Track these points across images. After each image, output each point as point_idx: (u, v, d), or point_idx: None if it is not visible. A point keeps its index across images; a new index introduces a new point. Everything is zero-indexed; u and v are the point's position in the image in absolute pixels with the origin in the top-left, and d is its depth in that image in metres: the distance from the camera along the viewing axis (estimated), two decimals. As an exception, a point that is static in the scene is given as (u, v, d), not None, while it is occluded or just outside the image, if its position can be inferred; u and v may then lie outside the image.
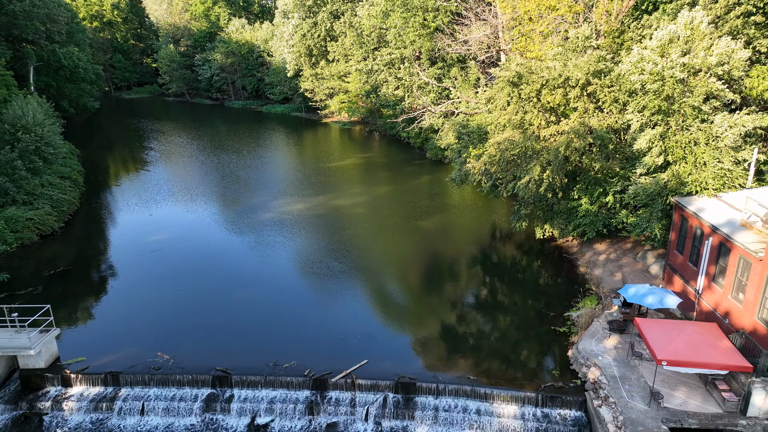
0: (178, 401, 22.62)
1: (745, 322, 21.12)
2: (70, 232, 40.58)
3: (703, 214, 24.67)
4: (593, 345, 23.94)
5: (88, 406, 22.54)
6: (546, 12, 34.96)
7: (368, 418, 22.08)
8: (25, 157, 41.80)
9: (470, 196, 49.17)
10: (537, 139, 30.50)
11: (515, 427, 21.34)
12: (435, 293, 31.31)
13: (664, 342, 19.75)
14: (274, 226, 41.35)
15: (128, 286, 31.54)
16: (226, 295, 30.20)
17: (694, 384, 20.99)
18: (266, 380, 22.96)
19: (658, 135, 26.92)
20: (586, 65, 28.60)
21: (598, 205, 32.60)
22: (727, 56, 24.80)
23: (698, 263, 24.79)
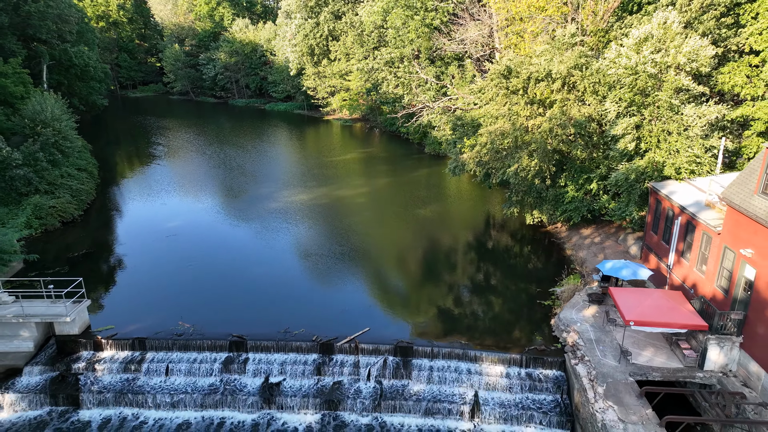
0: (198, 363, 25.15)
1: (706, 290, 23.61)
2: (89, 219, 43.16)
3: (674, 196, 27.15)
4: (573, 314, 26.45)
5: (118, 368, 25.07)
6: (536, 12, 37.51)
7: (370, 378, 24.60)
8: (45, 150, 44.25)
9: (466, 187, 51.69)
10: (525, 130, 33.03)
11: (502, 384, 23.85)
12: (431, 272, 33.85)
13: (632, 306, 22.27)
14: (280, 214, 43.90)
15: (148, 265, 34.10)
16: (239, 273, 32.82)
17: (660, 345, 23.51)
18: (278, 345, 25.47)
19: (633, 124, 29.44)
20: (569, 60, 31.16)
21: (583, 192, 35.12)
22: (695, 54, 27.28)
23: (670, 241, 27.28)
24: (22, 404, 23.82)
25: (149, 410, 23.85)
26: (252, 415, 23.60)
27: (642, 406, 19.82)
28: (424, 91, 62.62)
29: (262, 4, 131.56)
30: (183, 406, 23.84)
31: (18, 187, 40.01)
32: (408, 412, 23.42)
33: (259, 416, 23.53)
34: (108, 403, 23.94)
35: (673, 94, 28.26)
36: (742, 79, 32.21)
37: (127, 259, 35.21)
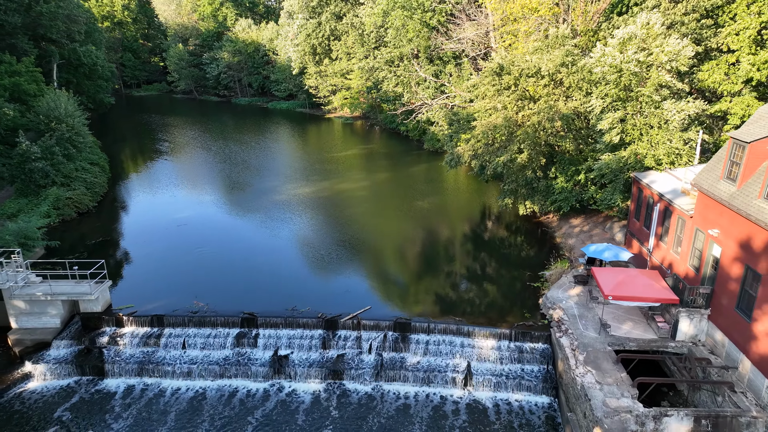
0: (213, 338, 27.22)
1: (681, 270, 25.67)
2: (102, 210, 45.25)
3: (654, 185, 29.21)
4: (560, 293, 28.52)
5: (138, 342, 27.15)
6: (528, 13, 39.58)
7: (371, 351, 26.66)
8: (60, 145, 46.32)
9: (463, 181, 53.77)
10: (516, 124, 35.09)
11: (492, 356, 25.92)
12: (428, 258, 35.93)
13: (612, 282, 24.32)
14: (285, 205, 45.99)
15: (162, 251, 36.19)
16: (248, 258, 34.94)
17: (638, 319, 25.58)
18: (286, 321, 27.53)
19: (618, 118, 31.52)
20: (556, 58, 33.23)
21: (572, 183, 37.20)
22: (675, 54, 29.34)
23: (650, 226, 29.34)
24: (52, 374, 25.88)
25: (168, 380, 25.91)
26: (263, 384, 25.66)
27: (618, 371, 21.88)
28: (423, 89, 64.71)
29: (265, 5, 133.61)
30: (199, 376, 25.91)
31: (36, 180, 42.09)
32: (406, 381, 25.48)
33: (269, 385, 25.59)
34: (130, 373, 26.01)
35: (654, 90, 30.31)
36: (720, 76, 34.29)
37: (141, 246, 37.32)
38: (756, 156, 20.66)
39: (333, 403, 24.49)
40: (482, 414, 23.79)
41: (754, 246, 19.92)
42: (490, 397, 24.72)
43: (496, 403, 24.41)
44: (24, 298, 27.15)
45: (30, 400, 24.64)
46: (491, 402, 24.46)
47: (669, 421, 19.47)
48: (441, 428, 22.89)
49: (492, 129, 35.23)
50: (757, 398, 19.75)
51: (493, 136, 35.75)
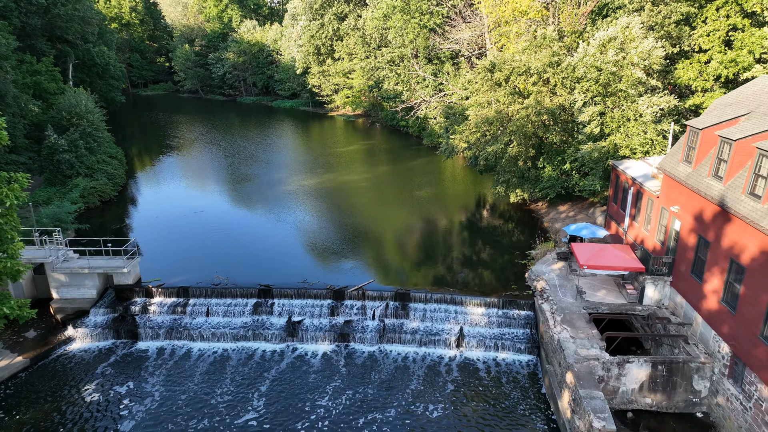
0: (233, 307, 30.49)
1: (650, 244, 28.90)
2: (123, 199, 48.60)
3: (629, 170, 32.45)
4: (543, 268, 31.77)
5: (167, 310, 30.42)
6: (519, 16, 42.82)
7: (375, 317, 29.92)
8: (83, 138, 49.60)
9: (460, 173, 57.02)
10: (506, 117, 38.35)
11: (482, 322, 29.18)
12: (426, 240, 39.20)
13: (587, 254, 27.57)
14: (292, 194, 49.29)
15: (183, 233, 39.53)
16: (262, 239, 38.40)
17: (611, 288, 28.82)
18: (298, 292, 30.79)
19: (598, 112, 34.80)
20: (544, 58, 36.51)
21: (558, 172, 40.46)
22: (648, 54, 32.60)
23: (625, 208, 32.61)
24: (91, 337, 29.15)
25: (194, 342, 29.16)
26: (278, 345, 28.92)
27: (590, 328, 25.12)
28: (423, 88, 68.00)
29: (268, 7, 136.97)
30: (221, 339, 29.16)
31: (63, 170, 45.39)
32: (405, 343, 28.72)
33: (285, 346, 28.84)
34: (160, 337, 29.28)
35: (630, 86, 33.58)
36: (694, 73, 37.56)
37: (163, 229, 40.62)
38: (706, 141, 23.91)
39: (341, 361, 27.73)
40: (473, 370, 27.02)
41: (704, 218, 23.16)
42: (480, 356, 27.97)
43: (485, 361, 27.66)
44: (64, 272, 30.42)
45: (74, 358, 27.93)
46: (481, 360, 27.71)
47: (630, 366, 22.73)
48: (436, 382, 26.12)
49: (484, 121, 38.49)
50: (706, 347, 22.99)
51: (486, 127, 38.99)
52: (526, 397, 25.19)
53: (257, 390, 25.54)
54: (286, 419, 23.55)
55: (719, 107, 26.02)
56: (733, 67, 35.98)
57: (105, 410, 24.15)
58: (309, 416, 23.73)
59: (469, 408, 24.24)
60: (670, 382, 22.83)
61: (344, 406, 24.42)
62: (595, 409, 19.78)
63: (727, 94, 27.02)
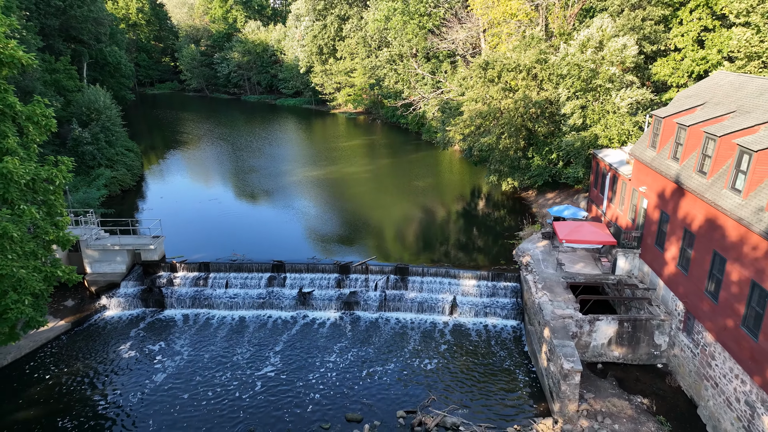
0: (249, 279, 33.86)
1: (623, 222, 32.26)
2: (141, 188, 52.06)
3: (607, 158, 35.81)
4: (529, 245, 35.14)
5: (190, 283, 33.79)
6: (509, 18, 46.20)
7: (377, 289, 33.28)
8: (103, 132, 53.00)
9: (457, 166, 60.37)
10: (498, 111, 41.74)
11: (473, 292, 32.54)
12: (424, 223, 42.59)
13: (566, 230, 30.94)
14: (299, 184, 52.69)
15: (200, 217, 43.04)
16: (275, 221, 42.08)
17: (588, 261, 32.18)
18: (308, 267, 34.16)
19: (579, 105, 38.18)
20: (532, 56, 39.88)
21: (546, 161, 43.83)
22: (621, 51, 35.98)
23: (604, 192, 35.98)
24: (123, 306, 32.55)
25: (215, 310, 32.54)
26: (290, 313, 32.30)
27: (566, 293, 28.48)
28: (422, 86, 71.38)
29: (272, 8, 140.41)
30: (240, 307, 32.54)
31: (87, 161, 48.81)
32: (404, 311, 32.09)
33: (296, 314, 32.23)
34: (185, 305, 32.66)
35: (606, 81, 36.97)
36: (669, 70, 41.02)
37: (181, 214, 44.06)
38: (668, 128, 27.27)
39: (347, 327, 31.10)
40: (464, 333, 30.39)
41: (665, 195, 26.52)
42: (470, 321, 31.36)
43: (475, 325, 31.04)
44: (97, 248, 33.79)
45: (109, 323, 31.33)
46: (472, 324, 31.09)
47: (600, 324, 26.11)
48: (431, 343, 29.48)
49: (478, 115, 41.88)
50: (666, 307, 26.36)
51: (479, 121, 42.38)
52: (511, 354, 28.55)
53: (273, 350, 28.90)
54: (300, 372, 26.91)
55: (681, 99, 29.41)
56: (704, 64, 39.46)
57: (140, 364, 27.52)
58: (319, 369, 27.08)
59: (460, 362, 27.60)
60: (634, 337, 26.20)
61: (350, 361, 27.78)
62: (565, 354, 23.13)
63: (689, 87, 30.40)
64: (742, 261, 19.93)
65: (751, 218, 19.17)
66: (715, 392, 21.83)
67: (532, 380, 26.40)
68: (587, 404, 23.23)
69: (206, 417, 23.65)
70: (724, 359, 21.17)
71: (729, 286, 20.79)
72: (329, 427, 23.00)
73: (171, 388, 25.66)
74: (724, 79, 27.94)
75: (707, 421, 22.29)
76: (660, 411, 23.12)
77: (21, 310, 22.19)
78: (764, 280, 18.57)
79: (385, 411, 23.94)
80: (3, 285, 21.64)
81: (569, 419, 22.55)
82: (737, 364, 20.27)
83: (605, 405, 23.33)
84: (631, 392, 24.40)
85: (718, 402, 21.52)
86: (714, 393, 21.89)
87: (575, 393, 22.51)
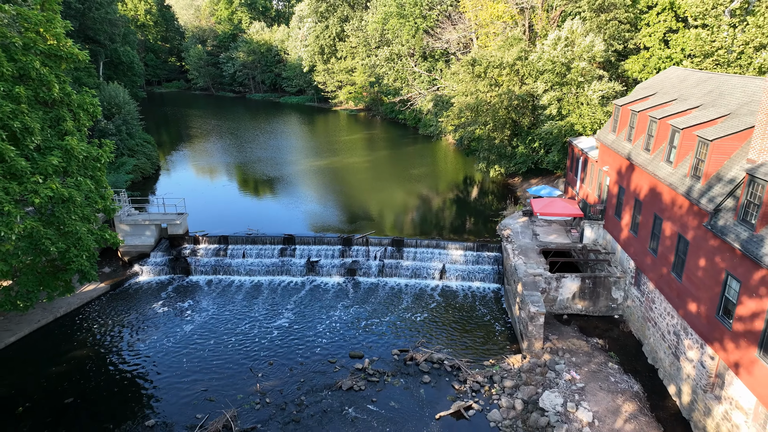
0: (263, 250, 38.42)
1: (591, 199, 36.83)
2: (160, 175, 56.63)
3: (579, 144, 40.40)
4: (510, 221, 39.71)
5: (211, 253, 38.35)
6: (496, 19, 50.79)
7: (376, 258, 37.84)
8: (124, 125, 57.64)
9: (451, 156, 64.92)
10: (485, 104, 46.36)
11: (460, 260, 37.09)
12: (418, 204, 47.18)
13: (541, 204, 35.53)
14: (305, 172, 57.29)
15: (217, 198, 47.78)
16: (284, 202, 46.64)
17: (560, 232, 36.75)
18: (315, 240, 38.72)
19: (556, 97, 42.79)
20: (514, 53, 44.52)
21: (529, 150, 48.43)
22: (589, 49, 40.58)
23: (577, 174, 40.56)
24: (153, 273, 37.12)
25: (234, 276, 37.13)
26: (300, 278, 36.87)
27: (539, 257, 33.03)
28: (419, 83, 76.00)
29: (275, 9, 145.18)
30: (256, 273, 37.11)
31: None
32: (400, 276, 36.66)
33: (305, 279, 36.80)
34: (208, 272, 37.25)
35: (579, 76, 41.57)
36: (639, 66, 45.59)
37: (199, 196, 48.69)
38: (624, 114, 31.84)
39: (349, 289, 35.67)
40: (451, 294, 34.96)
41: (622, 171, 31.08)
42: (457, 285, 35.93)
43: (462, 287, 35.62)
44: (129, 223, 38.36)
45: (142, 286, 35.93)
46: (458, 287, 35.67)
47: (565, 281, 30.67)
48: (423, 301, 34.02)
49: (467, 107, 46.49)
50: (622, 267, 30.91)
51: (468, 113, 47.00)
52: (491, 310, 33.11)
53: (285, 307, 33.47)
54: (309, 323, 31.47)
55: (638, 90, 34.00)
56: (669, 62, 44.04)
57: (171, 318, 32.10)
58: (325, 321, 31.64)
59: (447, 316, 32.18)
60: (594, 292, 30.78)
61: (352, 315, 32.34)
62: (533, 301, 27.67)
63: (646, 80, 34.97)
64: (672, 219, 24.51)
65: (678, 183, 23.74)
66: (654, 330, 26.41)
67: (508, 329, 30.97)
68: (551, 343, 27.81)
69: (231, 356, 28.22)
70: (661, 302, 25.73)
71: (664, 240, 25.36)
72: (335, 361, 27.59)
73: (199, 335, 30.25)
74: (673, 74, 32.55)
75: (648, 354, 26.87)
76: (612, 348, 27.70)
77: (80, 263, 26.76)
78: (686, 232, 23.13)
79: (382, 350, 28.53)
80: (66, 241, 26.20)
81: (535, 354, 27.12)
82: (669, 303, 24.84)
83: (566, 344, 27.91)
84: (589, 335, 28.98)
85: (656, 337, 26.09)
86: (653, 331, 26.47)
87: (540, 332, 27.07)
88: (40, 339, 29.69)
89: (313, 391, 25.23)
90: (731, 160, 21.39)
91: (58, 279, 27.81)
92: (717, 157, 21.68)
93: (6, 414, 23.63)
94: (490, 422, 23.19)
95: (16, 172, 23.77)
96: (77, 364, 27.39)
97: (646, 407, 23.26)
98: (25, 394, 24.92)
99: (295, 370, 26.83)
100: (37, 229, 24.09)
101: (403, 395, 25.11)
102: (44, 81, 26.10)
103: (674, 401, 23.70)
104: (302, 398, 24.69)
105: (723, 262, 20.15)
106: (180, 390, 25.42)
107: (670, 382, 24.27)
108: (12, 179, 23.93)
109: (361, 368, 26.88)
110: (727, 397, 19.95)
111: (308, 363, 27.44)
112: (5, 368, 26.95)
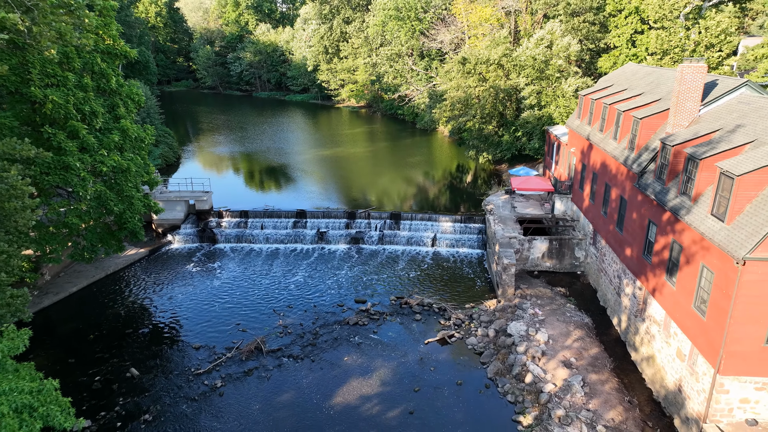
0: (279, 223, 44.25)
1: (562, 178, 42.60)
2: (181, 163, 62.50)
3: (554, 131, 46.18)
4: (493, 198, 45.51)
5: (234, 225, 44.18)
6: (484, 21, 56.66)
7: (377, 229, 43.65)
8: (148, 117, 63.51)
9: (445, 147, 70.74)
10: (475, 97, 52.19)
11: (450, 230, 42.89)
12: (414, 186, 53.02)
13: (518, 181, 41.34)
14: (311, 160, 63.18)
15: (235, 181, 53.53)
16: (296, 183, 52.45)
17: (536, 206, 42.53)
18: (323, 213, 44.54)
19: (536, 91, 48.64)
20: (499, 51, 50.39)
21: (513, 137, 54.27)
22: (566, 48, 46.42)
23: (552, 158, 46.36)
24: (184, 241, 42.95)
25: (254, 244, 42.95)
26: (311, 246, 42.69)
27: (515, 225, 38.82)
28: (417, 81, 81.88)
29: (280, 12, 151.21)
30: (273, 242, 42.92)
31: (138, 140, 59.20)
32: (397, 244, 42.47)
33: (315, 247, 42.62)
34: (231, 241, 43.07)
35: (556, 72, 47.42)
36: (610, 63, 51.45)
37: (219, 179, 54.54)
38: (586, 103, 37.65)
39: (353, 255, 41.47)
40: (441, 258, 40.76)
41: (584, 150, 36.88)
42: (446, 251, 41.73)
43: (450, 253, 41.43)
44: (161, 199, 44.12)
45: (175, 253, 41.77)
46: (448, 253, 41.47)
47: (536, 242, 36.46)
48: (416, 263, 39.81)
49: (457, 100, 52.33)
50: (584, 231, 36.69)
51: (458, 106, 52.85)
52: (474, 270, 38.91)
53: (300, 267, 39.28)
54: (320, 279, 37.27)
55: (600, 82, 39.82)
56: (635, 59, 49.84)
57: (202, 275, 37.91)
58: (334, 278, 37.45)
59: (437, 274, 37.98)
60: (560, 252, 36.56)
61: (356, 274, 38.14)
62: (506, 256, 33.44)
63: (607, 75, 40.76)
64: (616, 184, 30.30)
65: (619, 155, 29.54)
66: (605, 278, 32.20)
67: (487, 283, 36.77)
68: (521, 290, 33.62)
69: (256, 303, 34.01)
70: (609, 253, 31.52)
71: (611, 203, 31.15)
72: (343, 305, 33.43)
73: (228, 288, 36.06)
74: (629, 68, 38.37)
75: (601, 298, 32.67)
76: (572, 295, 33.50)
77: (134, 224, 32.60)
78: (625, 193, 28.91)
79: (381, 298, 34.35)
80: (123, 204, 32.02)
81: (508, 299, 32.92)
82: (614, 253, 30.63)
83: (534, 291, 33.71)
84: (554, 286, 34.79)
85: (605, 282, 31.89)
86: (604, 279, 32.26)
87: (512, 281, 32.87)
88: (96, 290, 35.56)
89: (326, 325, 31.06)
90: (656, 135, 27.21)
91: (114, 237, 33.65)
92: (645, 132, 27.50)
93: (80, 340, 29.48)
94: (468, 346, 29.01)
95: (87, 147, 29.64)
96: (129, 308, 33.24)
97: (593, 333, 29.07)
98: (93, 327, 30.78)
99: (309, 312, 32.67)
100: (104, 191, 29.94)
101: (399, 328, 30.92)
102: (104, 74, 32.00)
103: (616, 330, 29.51)
104: (317, 330, 30.52)
105: (647, 212, 25.96)
106: (216, 324, 31.26)
107: (614, 315, 30.08)
108: (84, 152, 29.80)
109: (364, 310, 32.72)
110: (648, 315, 25.75)
111: (321, 306, 33.28)
112: (73, 309, 32.82)
